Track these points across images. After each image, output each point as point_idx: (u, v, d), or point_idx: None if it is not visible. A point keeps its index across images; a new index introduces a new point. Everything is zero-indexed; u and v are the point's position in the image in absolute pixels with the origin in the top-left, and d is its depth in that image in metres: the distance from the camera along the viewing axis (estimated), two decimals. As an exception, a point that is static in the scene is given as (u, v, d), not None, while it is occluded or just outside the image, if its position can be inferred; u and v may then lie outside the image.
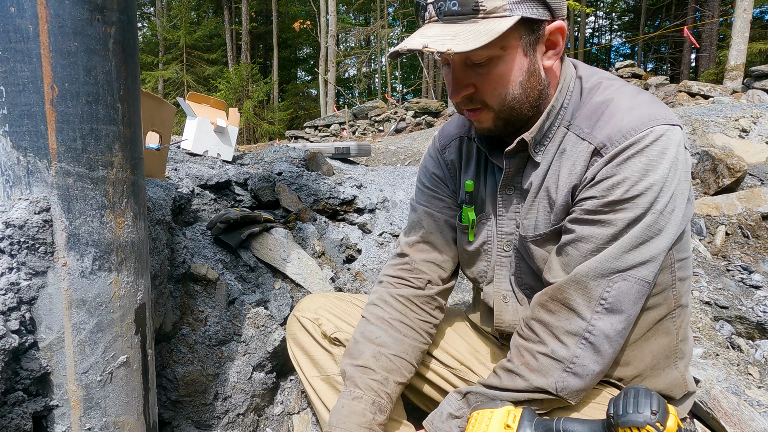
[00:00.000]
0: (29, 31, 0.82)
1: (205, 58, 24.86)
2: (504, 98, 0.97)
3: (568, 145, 1.01)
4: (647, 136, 0.90)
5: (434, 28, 0.91)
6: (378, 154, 7.44)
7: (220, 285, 1.72)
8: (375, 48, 25.31)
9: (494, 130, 1.04)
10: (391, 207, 2.98)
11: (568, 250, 0.97)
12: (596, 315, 0.93)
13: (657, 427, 0.74)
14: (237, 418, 1.50)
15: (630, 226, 0.91)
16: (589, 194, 0.94)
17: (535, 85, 0.99)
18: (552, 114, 1.02)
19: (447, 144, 1.26)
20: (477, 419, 0.95)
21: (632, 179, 0.89)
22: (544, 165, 1.04)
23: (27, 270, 0.87)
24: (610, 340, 0.94)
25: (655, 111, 0.93)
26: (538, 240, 1.05)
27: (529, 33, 0.93)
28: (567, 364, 0.95)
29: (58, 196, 0.88)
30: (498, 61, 0.93)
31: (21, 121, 0.85)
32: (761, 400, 1.74)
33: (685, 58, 19.22)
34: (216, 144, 2.93)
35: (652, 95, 0.99)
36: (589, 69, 1.07)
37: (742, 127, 4.71)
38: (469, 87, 0.98)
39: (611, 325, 0.93)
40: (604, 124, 0.95)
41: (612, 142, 0.92)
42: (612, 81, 1.03)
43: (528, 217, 1.07)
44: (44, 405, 0.90)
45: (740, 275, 2.52)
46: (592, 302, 0.93)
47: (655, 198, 0.90)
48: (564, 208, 1.01)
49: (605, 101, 0.98)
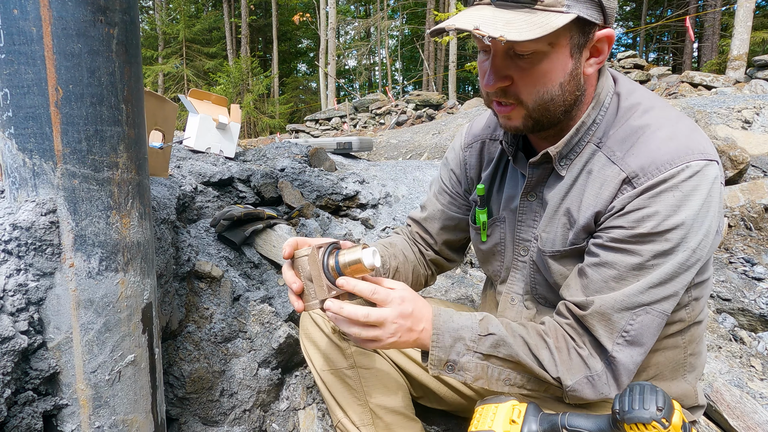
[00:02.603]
0: (33, 33, 0.82)
1: (205, 52, 24.77)
2: (541, 97, 0.93)
3: (596, 166, 0.97)
4: (683, 171, 0.86)
5: (485, 11, 0.87)
6: (380, 148, 7.42)
7: (225, 282, 1.72)
8: (375, 40, 25.18)
9: (522, 129, 0.99)
10: (394, 202, 2.98)
11: (589, 272, 0.95)
12: (617, 347, 0.92)
13: (663, 423, 0.74)
14: (243, 414, 1.52)
15: (657, 259, 0.89)
16: (617, 224, 0.91)
17: (574, 90, 0.95)
18: (582, 129, 0.99)
19: (470, 143, 1.27)
20: (482, 413, 0.95)
21: (663, 214, 0.87)
22: (569, 180, 1.01)
23: (35, 271, 0.88)
24: (628, 372, 0.94)
25: (693, 144, 0.89)
26: (557, 256, 1.04)
27: (579, 34, 0.89)
28: (591, 373, 0.94)
29: (64, 198, 0.88)
30: (543, 57, 0.89)
31: (26, 124, 0.85)
32: (763, 392, 1.74)
33: (688, 48, 19.10)
34: (218, 141, 2.93)
35: (693, 123, 0.95)
36: (629, 85, 1.03)
37: (745, 118, 4.69)
38: (507, 79, 0.93)
39: (631, 357, 0.92)
40: (638, 152, 0.91)
41: (645, 173, 0.89)
42: (652, 102, 0.98)
43: (547, 231, 1.05)
44: (54, 404, 0.91)
45: (743, 267, 2.53)
46: (614, 334, 0.92)
47: (685, 234, 0.87)
48: (585, 229, 0.98)
49: (642, 126, 0.94)
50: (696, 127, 0.94)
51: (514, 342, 0.96)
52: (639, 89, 1.02)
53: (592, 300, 0.93)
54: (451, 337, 0.96)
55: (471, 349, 0.96)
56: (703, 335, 1.12)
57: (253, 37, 28.49)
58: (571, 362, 0.95)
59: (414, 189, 3.22)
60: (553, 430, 0.87)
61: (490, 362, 0.97)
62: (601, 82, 1.00)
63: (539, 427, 0.89)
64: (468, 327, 0.97)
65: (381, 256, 1.24)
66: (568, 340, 0.96)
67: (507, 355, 0.96)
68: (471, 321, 0.98)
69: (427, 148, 6.86)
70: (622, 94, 1.00)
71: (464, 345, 0.96)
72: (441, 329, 0.96)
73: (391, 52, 25.71)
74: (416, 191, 3.18)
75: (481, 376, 0.98)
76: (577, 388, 0.94)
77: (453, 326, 0.97)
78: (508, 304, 1.18)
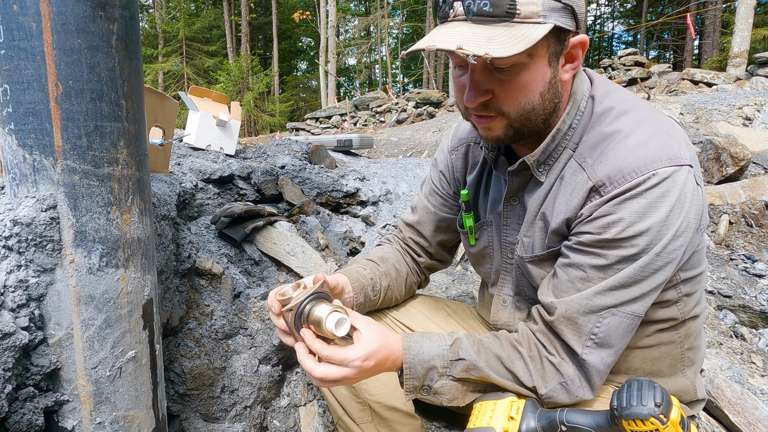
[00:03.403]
0: (32, 29, 0.82)
1: (205, 50, 24.75)
2: (522, 107, 0.92)
3: (568, 173, 0.98)
4: (649, 179, 0.86)
5: (462, 28, 0.86)
6: (380, 146, 7.42)
7: (225, 279, 1.72)
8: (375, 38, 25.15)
9: (503, 140, 0.99)
10: (394, 199, 2.98)
11: (558, 273, 0.97)
12: (587, 350, 0.93)
13: (661, 419, 0.74)
14: (244, 411, 1.52)
15: (622, 263, 0.89)
16: (585, 229, 0.93)
17: (552, 98, 0.95)
18: (558, 136, 0.99)
19: (456, 147, 1.28)
20: (480, 410, 0.95)
21: (627, 221, 0.87)
22: (547, 185, 1.02)
23: (35, 267, 0.88)
24: (600, 373, 0.95)
25: (662, 151, 0.88)
26: (535, 260, 1.05)
27: (556, 42, 0.90)
28: (564, 379, 0.96)
29: (64, 194, 0.88)
30: (523, 68, 0.88)
31: (26, 119, 0.85)
32: (764, 388, 1.74)
33: (688, 45, 19.06)
34: (218, 138, 2.93)
35: (668, 126, 0.94)
36: (604, 87, 1.02)
37: (746, 114, 4.68)
38: (487, 93, 0.92)
39: (601, 359, 0.93)
40: (606, 160, 0.92)
41: (611, 181, 0.89)
42: (626, 105, 0.97)
43: (528, 235, 1.07)
44: (55, 400, 0.91)
45: (743, 264, 2.53)
46: (582, 337, 0.93)
47: (651, 240, 0.87)
48: (557, 233, 1.00)
49: (612, 133, 0.94)
50: (671, 129, 0.93)
51: (486, 365, 0.98)
52: (614, 91, 1.01)
53: (557, 304, 0.95)
54: (423, 368, 0.98)
55: (444, 374, 0.99)
56: (701, 330, 1.12)
57: (253, 35, 28.46)
58: (544, 370, 0.96)
59: (414, 186, 3.22)
60: (551, 426, 0.88)
61: (464, 384, 1.00)
62: (575, 85, 1.00)
63: (537, 424, 0.89)
64: (439, 355, 0.99)
65: (371, 279, 1.25)
66: (539, 348, 0.98)
67: (479, 377, 0.98)
68: (441, 348, 1.00)
69: (427, 146, 6.86)
70: (596, 98, 1.00)
71: (437, 372, 0.99)
72: (412, 362, 0.98)
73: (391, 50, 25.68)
74: (416, 188, 3.19)
75: (456, 396, 1.00)
76: (552, 395, 0.95)
77: (424, 357, 0.99)
78: (501, 306, 1.21)
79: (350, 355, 0.92)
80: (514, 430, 0.89)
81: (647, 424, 0.74)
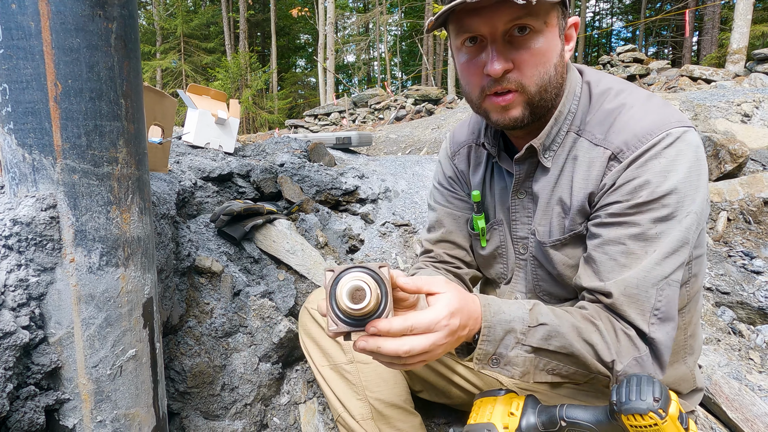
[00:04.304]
0: (31, 28, 0.82)
1: (203, 47, 24.69)
2: (541, 78, 0.94)
3: (581, 152, 1.00)
4: (663, 139, 0.90)
5: None
6: (379, 143, 7.42)
7: (225, 277, 1.73)
8: (374, 35, 25.10)
9: (521, 119, 0.98)
10: (393, 197, 2.98)
11: (595, 255, 0.95)
12: (653, 327, 0.91)
13: (660, 413, 0.74)
14: (244, 409, 1.52)
15: (657, 225, 0.90)
16: (612, 199, 0.93)
17: (562, 72, 0.99)
18: (560, 119, 1.02)
19: (456, 151, 1.29)
20: (480, 407, 0.96)
21: (654, 182, 0.89)
22: (555, 170, 1.04)
23: (35, 266, 0.88)
24: (668, 350, 0.92)
25: (668, 115, 0.93)
26: (557, 245, 1.05)
27: (562, 17, 0.95)
28: (640, 354, 0.91)
29: (64, 193, 0.88)
30: (539, 35, 0.92)
31: (25, 119, 0.85)
32: (762, 384, 1.75)
33: (687, 42, 19.05)
34: (217, 136, 2.93)
35: (663, 100, 1.00)
36: (596, 74, 1.07)
37: (745, 111, 4.68)
38: (509, 63, 0.93)
39: (667, 334, 0.91)
40: (618, 130, 0.95)
41: (628, 146, 0.93)
42: (621, 86, 1.02)
43: (542, 223, 1.07)
44: (56, 399, 0.91)
45: (742, 261, 2.53)
46: (646, 314, 0.90)
47: (681, 198, 0.89)
48: (581, 212, 1.00)
49: (618, 107, 0.98)
50: (667, 102, 0.99)
51: (567, 331, 0.90)
52: (607, 76, 1.06)
53: (611, 285, 0.92)
54: (502, 330, 0.89)
55: (520, 342, 0.90)
56: (699, 317, 1.13)
57: (251, 32, 28.39)
58: (619, 344, 0.91)
59: (413, 184, 3.21)
60: (551, 422, 0.88)
61: (539, 355, 0.92)
62: (569, 73, 1.04)
63: (537, 420, 0.89)
64: (519, 318, 0.91)
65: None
66: (613, 321, 0.93)
67: (559, 347, 0.91)
68: (521, 310, 0.92)
69: (426, 143, 6.85)
70: (592, 82, 1.05)
71: (514, 337, 0.90)
72: (492, 322, 0.89)
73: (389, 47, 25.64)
74: (416, 186, 3.18)
75: (528, 370, 0.93)
76: (628, 371, 0.91)
77: (504, 318, 0.90)
78: None
79: (435, 316, 0.78)
80: (515, 426, 0.89)
81: (646, 419, 0.75)
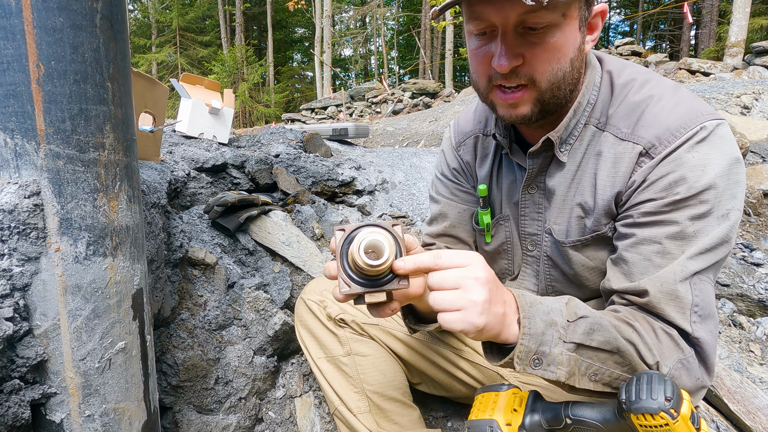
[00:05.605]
0: (11, 6, 0.78)
1: (199, 41, 24.52)
2: (554, 74, 0.87)
3: (605, 147, 0.94)
4: (698, 133, 0.85)
5: None
6: (376, 136, 7.38)
7: (219, 269, 1.69)
8: (371, 28, 24.96)
9: (529, 117, 0.92)
10: (391, 188, 2.95)
11: (628, 256, 0.89)
12: (695, 326, 0.84)
13: (671, 413, 0.71)
14: (239, 402, 1.50)
15: (695, 223, 0.84)
16: (645, 197, 0.87)
17: (579, 67, 0.91)
18: (579, 111, 0.96)
19: (462, 141, 1.22)
20: (482, 402, 0.93)
21: (691, 177, 0.83)
22: (572, 166, 0.98)
23: (19, 256, 0.84)
24: (713, 350, 0.85)
25: (699, 107, 0.88)
26: (578, 245, 1.00)
27: (585, 7, 0.87)
28: (685, 355, 0.84)
29: (48, 180, 0.84)
30: (556, 30, 0.84)
31: (6, 102, 0.81)
32: (763, 376, 1.74)
33: (685, 35, 19.00)
34: (211, 126, 2.89)
35: (690, 91, 0.93)
36: (618, 62, 1.00)
37: (744, 103, 4.66)
38: (519, 57, 0.86)
39: (710, 332, 0.85)
40: (647, 123, 0.89)
41: (661, 141, 0.87)
42: (647, 76, 0.95)
43: (558, 222, 1.01)
44: (42, 393, 0.88)
45: (741, 253, 2.51)
46: (686, 312, 0.84)
47: (719, 194, 0.83)
48: (606, 214, 0.94)
49: (645, 99, 0.92)
50: (694, 93, 0.93)
51: (608, 326, 0.81)
52: (630, 65, 1.00)
53: (645, 284, 0.85)
54: (542, 322, 0.78)
55: (562, 338, 0.79)
56: None
57: (247, 26, 28.19)
58: (661, 345, 0.83)
59: (411, 175, 3.18)
60: (556, 419, 0.85)
61: (580, 354, 0.80)
62: (588, 60, 0.97)
63: (542, 417, 0.86)
64: (558, 310, 0.81)
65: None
66: (651, 321, 0.86)
67: (602, 342, 0.80)
68: (558, 303, 0.82)
69: (423, 136, 6.82)
70: (613, 72, 0.98)
71: (556, 332, 0.78)
72: (530, 312, 0.78)
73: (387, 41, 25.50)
74: (413, 178, 3.15)
75: (573, 371, 0.80)
76: (675, 374, 0.83)
77: (543, 308, 0.79)
78: None
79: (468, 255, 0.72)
80: (518, 423, 0.86)
81: (657, 419, 0.71)
